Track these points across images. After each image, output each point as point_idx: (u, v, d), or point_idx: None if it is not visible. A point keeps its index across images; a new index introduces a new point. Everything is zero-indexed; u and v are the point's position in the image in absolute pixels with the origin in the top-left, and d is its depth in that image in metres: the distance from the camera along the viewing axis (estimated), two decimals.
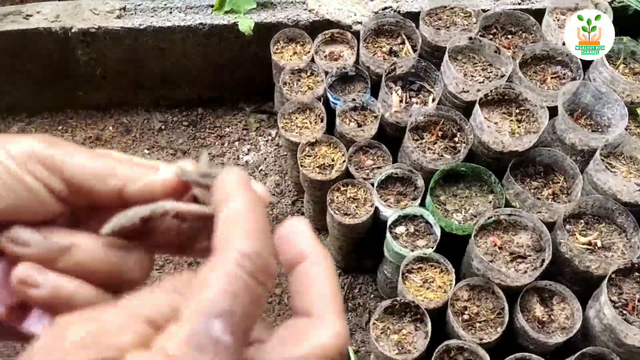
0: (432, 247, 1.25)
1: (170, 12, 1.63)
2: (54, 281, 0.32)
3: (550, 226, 1.22)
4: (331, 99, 1.48)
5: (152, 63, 1.70)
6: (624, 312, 1.07)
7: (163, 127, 1.80)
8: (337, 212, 1.34)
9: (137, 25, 1.61)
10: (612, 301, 1.08)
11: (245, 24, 1.56)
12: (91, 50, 1.67)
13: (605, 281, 1.08)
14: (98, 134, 1.79)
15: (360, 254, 1.54)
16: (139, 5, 1.66)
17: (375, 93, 1.46)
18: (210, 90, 1.81)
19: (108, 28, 1.61)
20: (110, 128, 1.81)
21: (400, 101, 1.41)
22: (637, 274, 1.11)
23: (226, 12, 1.61)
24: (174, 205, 0.34)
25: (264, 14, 1.60)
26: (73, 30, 1.63)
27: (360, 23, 1.58)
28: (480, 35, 1.49)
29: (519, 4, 1.59)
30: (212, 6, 1.62)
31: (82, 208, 0.36)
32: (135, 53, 1.67)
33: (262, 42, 1.59)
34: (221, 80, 1.78)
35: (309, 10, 1.60)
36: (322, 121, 1.44)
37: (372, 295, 1.53)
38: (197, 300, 0.26)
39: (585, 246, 1.17)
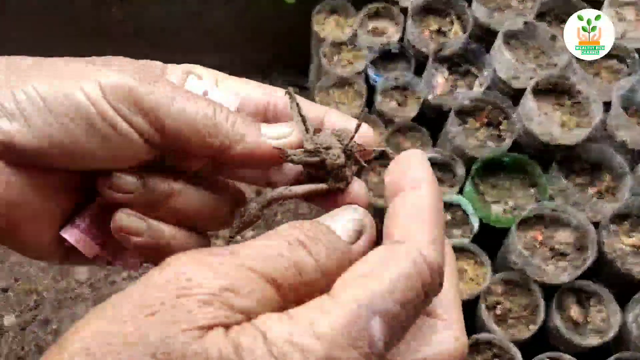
0: (469, 238, 1.21)
1: None
2: (154, 228, 0.32)
3: (593, 226, 1.16)
4: (372, 75, 1.43)
5: (186, 25, 1.65)
6: None
7: None
8: (370, 192, 1.29)
9: None
10: None
11: None
12: (126, 9, 1.63)
13: None
14: None
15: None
16: None
17: (418, 73, 1.40)
18: (244, 59, 1.76)
19: None
20: None
21: (446, 83, 1.35)
22: None
23: None
24: (292, 191, 0.33)
25: None
26: None
27: None
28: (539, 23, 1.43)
29: None
30: None
31: (169, 153, 0.33)
32: (170, 14, 1.62)
33: (304, 12, 1.53)
34: (256, 49, 1.73)
35: None
36: (361, 98, 1.39)
37: None
38: (362, 286, 0.23)
39: (630, 247, 1.11)
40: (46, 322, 1.41)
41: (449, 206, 1.26)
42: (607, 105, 1.26)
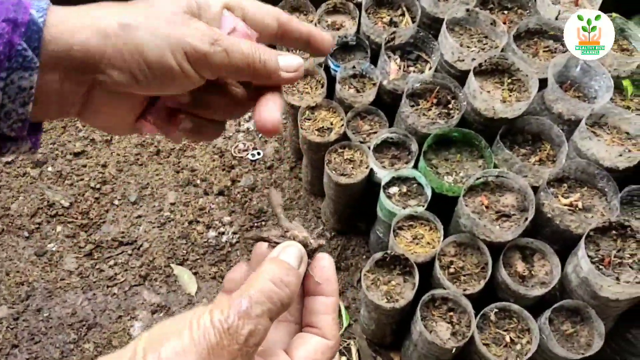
0: (423, 206, 1.32)
1: None
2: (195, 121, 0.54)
3: (536, 190, 1.29)
4: (332, 65, 1.54)
5: None
6: (600, 266, 1.14)
7: None
8: (334, 171, 1.41)
9: None
10: (589, 257, 1.15)
11: None
12: None
13: (584, 237, 1.15)
14: None
15: (355, 216, 1.61)
16: None
17: (374, 62, 1.52)
18: None
19: None
20: None
21: (399, 69, 1.46)
22: (614, 232, 1.18)
23: None
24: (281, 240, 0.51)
25: None
26: None
27: None
28: (479, 10, 1.55)
29: None
30: None
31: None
32: None
33: None
34: None
35: None
36: (322, 87, 1.50)
37: (364, 256, 1.60)
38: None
39: (566, 207, 1.24)
40: (38, 310, 1.50)
41: (405, 179, 1.38)
42: (545, 82, 1.39)
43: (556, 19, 1.47)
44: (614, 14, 1.44)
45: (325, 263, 0.48)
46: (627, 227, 1.17)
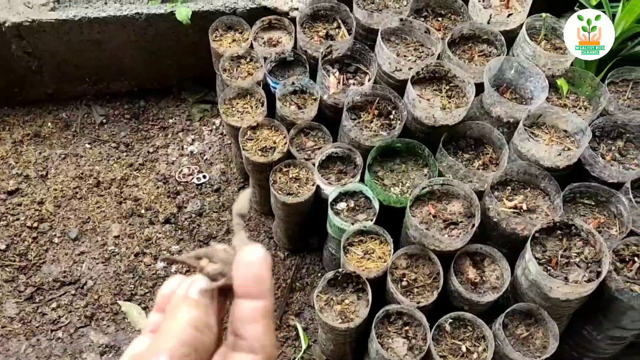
0: (372, 220, 1.30)
1: (106, 3, 1.62)
2: None
3: (482, 194, 1.29)
4: (271, 83, 1.51)
5: (88, 55, 1.69)
6: (548, 268, 1.14)
7: (104, 120, 1.78)
8: (279, 192, 1.37)
9: (72, 16, 1.59)
10: (536, 258, 1.15)
11: (183, 13, 1.57)
12: (26, 45, 1.65)
13: (529, 239, 1.15)
14: (37, 131, 1.76)
15: (306, 234, 1.58)
16: None
17: (314, 76, 1.50)
18: (152, 81, 1.81)
19: (42, 21, 1.59)
20: (49, 124, 1.78)
21: (338, 83, 1.45)
22: (559, 232, 1.19)
23: (163, 2, 1.61)
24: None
25: (201, 3, 1.61)
26: (6, 24, 1.60)
27: (297, 9, 1.61)
28: (414, 18, 1.56)
29: None
30: None
31: None
32: (70, 46, 1.65)
33: (201, 30, 1.60)
34: (162, 71, 1.78)
35: None
36: (262, 105, 1.47)
37: (319, 274, 1.57)
38: None
39: (511, 210, 1.24)
40: None
41: (352, 194, 1.36)
42: (483, 86, 1.40)
43: (488, 22, 1.49)
44: (544, 15, 1.47)
45: (251, 258, 0.40)
46: (571, 225, 1.18)
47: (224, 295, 0.44)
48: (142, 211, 1.64)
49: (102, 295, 1.52)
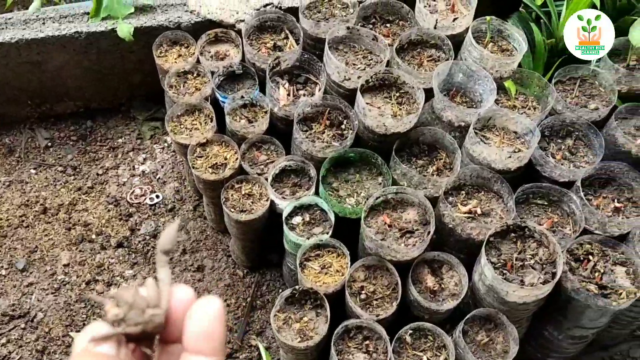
0: (328, 233, 1.28)
1: (44, 23, 1.56)
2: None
3: (437, 200, 1.28)
4: (220, 98, 1.48)
5: (29, 78, 1.62)
6: (504, 271, 1.14)
7: (50, 144, 1.71)
8: (232, 209, 1.34)
9: (8, 39, 1.53)
10: (492, 263, 1.14)
11: (125, 30, 1.52)
12: None
13: (484, 244, 1.14)
14: None
15: (265, 250, 1.54)
16: (10, 18, 1.58)
17: (264, 89, 1.47)
18: (98, 101, 1.75)
19: None
20: None
21: (288, 94, 1.42)
22: (512, 234, 1.19)
23: (103, 19, 1.56)
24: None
25: (143, 18, 1.57)
26: None
27: (243, 21, 1.58)
28: (361, 26, 1.54)
29: None
30: (88, 14, 1.56)
31: None
32: (9, 69, 1.58)
33: (146, 46, 1.55)
34: (108, 89, 1.72)
35: (190, 12, 1.58)
36: (211, 121, 1.43)
37: (280, 290, 1.53)
38: None
39: (466, 215, 1.23)
40: None
41: (307, 207, 1.33)
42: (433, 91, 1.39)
43: (435, 27, 1.49)
44: (488, 18, 1.48)
45: (205, 311, 0.37)
46: (525, 227, 1.18)
47: (148, 342, 0.41)
48: (93, 236, 1.58)
49: (53, 328, 1.45)
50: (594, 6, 1.49)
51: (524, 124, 1.34)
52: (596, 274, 1.15)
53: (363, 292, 1.20)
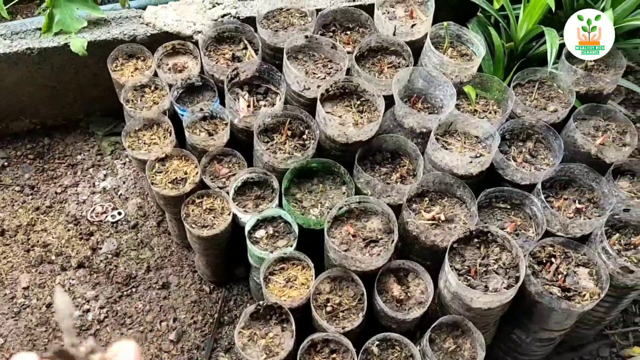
0: (292, 246, 1.26)
1: None
2: None
3: (402, 208, 1.27)
4: (179, 111, 1.45)
5: None
6: (468, 277, 1.13)
7: (6, 163, 1.66)
8: (193, 225, 1.31)
9: None
10: (456, 269, 1.14)
11: (78, 44, 1.48)
12: None
13: (447, 251, 1.14)
14: None
15: (231, 264, 1.51)
16: None
17: (225, 101, 1.44)
18: (55, 117, 1.70)
19: None
20: None
21: (249, 106, 1.40)
22: (476, 240, 1.18)
23: (56, 34, 1.52)
24: None
25: (97, 32, 1.53)
26: None
27: (201, 32, 1.56)
28: (321, 34, 1.53)
29: (353, 0, 1.65)
30: (40, 29, 1.52)
31: None
32: None
33: (101, 61, 1.52)
34: (65, 105, 1.68)
35: (146, 24, 1.55)
36: (170, 135, 1.40)
37: (248, 305, 1.50)
38: None
39: (429, 222, 1.22)
40: None
41: (271, 220, 1.31)
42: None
43: (394, 34, 1.49)
44: (445, 23, 1.48)
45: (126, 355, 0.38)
46: (487, 232, 1.18)
47: None
48: (53, 257, 1.53)
49: (14, 353, 1.39)
50: (549, 9, 1.51)
51: (485, 128, 1.34)
52: (559, 276, 1.15)
53: (329, 304, 1.19)
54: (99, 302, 1.47)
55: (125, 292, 1.49)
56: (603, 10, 1.63)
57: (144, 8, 1.60)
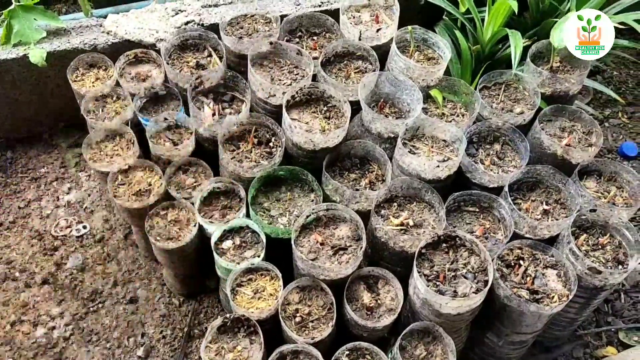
0: (260, 256, 1.23)
1: None
2: None
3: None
4: (142, 121, 1.41)
5: None
6: (437, 283, 1.12)
7: None
8: (158, 238, 1.27)
9: None
10: (425, 275, 1.12)
11: (37, 55, 1.44)
12: None
13: (415, 257, 1.12)
14: None
15: (199, 276, 1.48)
16: None
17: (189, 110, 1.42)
18: (17, 130, 1.65)
19: None
20: None
21: (214, 114, 1.37)
22: (444, 244, 1.17)
23: (15, 45, 1.48)
24: None
25: (57, 42, 1.49)
26: None
27: (164, 40, 1.53)
28: (287, 40, 1.52)
29: (319, 5, 1.64)
30: None
31: None
32: None
33: (62, 71, 1.47)
34: (27, 118, 1.63)
35: (107, 33, 1.52)
36: (133, 145, 1.36)
37: (218, 316, 1.47)
38: None
39: (398, 227, 1.21)
40: None
41: (238, 230, 1.28)
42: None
43: (359, 39, 1.48)
44: (409, 27, 1.47)
45: None
46: (455, 237, 1.17)
47: None
48: (16, 274, 1.48)
49: None
50: (512, 12, 1.51)
51: (452, 131, 1.33)
52: (527, 279, 1.15)
53: (298, 314, 1.16)
54: (64, 319, 1.42)
55: (91, 308, 1.45)
56: (568, 10, 1.65)
57: (105, 17, 1.56)
